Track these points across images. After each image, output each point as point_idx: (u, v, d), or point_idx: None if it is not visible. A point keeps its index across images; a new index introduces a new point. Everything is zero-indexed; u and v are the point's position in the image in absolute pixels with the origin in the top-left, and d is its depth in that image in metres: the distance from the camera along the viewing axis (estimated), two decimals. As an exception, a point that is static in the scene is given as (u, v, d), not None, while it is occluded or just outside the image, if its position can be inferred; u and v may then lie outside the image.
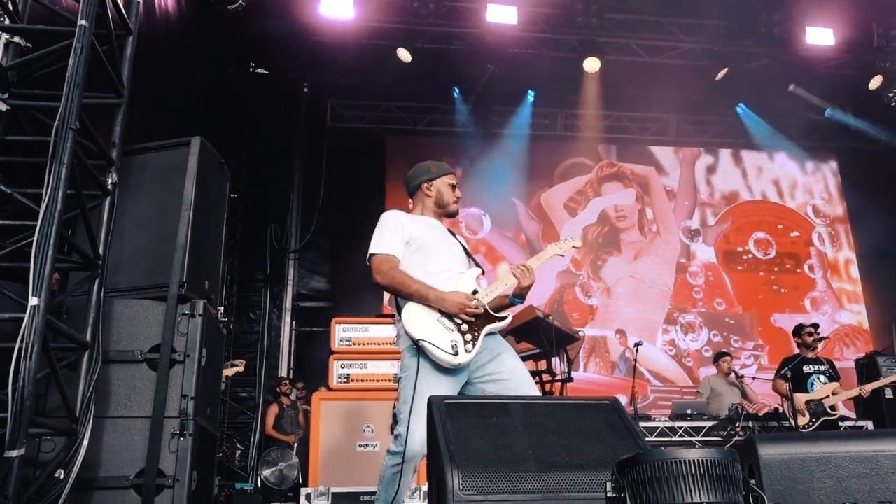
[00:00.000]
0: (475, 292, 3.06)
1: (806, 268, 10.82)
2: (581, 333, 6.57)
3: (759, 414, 7.12)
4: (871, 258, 10.63)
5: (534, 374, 6.50)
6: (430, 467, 2.24)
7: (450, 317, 2.96)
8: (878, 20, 9.38)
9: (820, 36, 9.12)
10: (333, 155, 10.05)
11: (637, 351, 7.02)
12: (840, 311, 10.59)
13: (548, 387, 6.37)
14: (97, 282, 3.21)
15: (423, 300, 2.97)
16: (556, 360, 6.33)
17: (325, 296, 10.06)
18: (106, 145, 3.40)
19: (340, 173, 9.86)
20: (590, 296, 10.20)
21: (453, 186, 3.36)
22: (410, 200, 3.48)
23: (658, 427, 6.94)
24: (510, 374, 2.98)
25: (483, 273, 3.27)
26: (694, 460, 1.47)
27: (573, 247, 3.47)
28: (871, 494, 2.23)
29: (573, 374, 6.41)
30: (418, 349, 2.89)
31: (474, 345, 2.91)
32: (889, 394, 6.89)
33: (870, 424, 7.06)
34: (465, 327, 2.95)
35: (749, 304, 10.49)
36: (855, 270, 10.87)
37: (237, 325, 9.71)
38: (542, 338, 6.12)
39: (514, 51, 9.35)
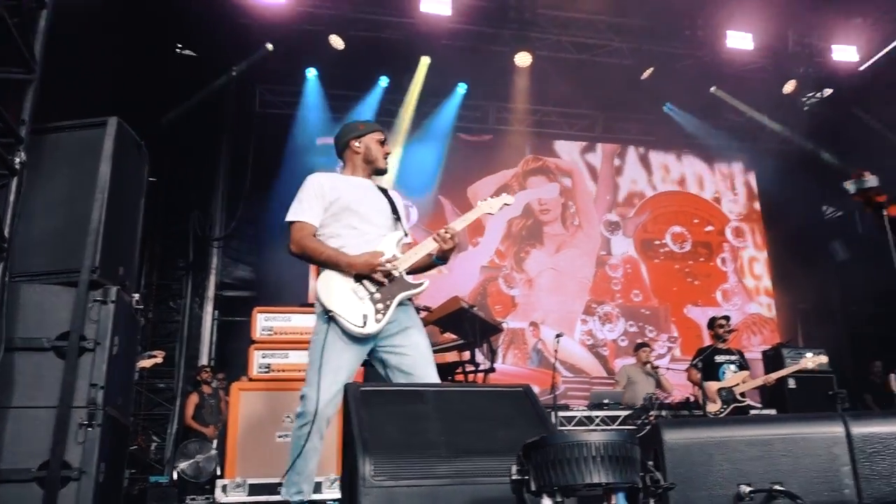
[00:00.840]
0: (394, 257, 3.08)
1: (719, 261, 11.27)
2: (504, 325, 6.66)
3: (673, 403, 7.39)
4: (781, 254, 11.15)
5: (457, 364, 6.57)
6: (345, 456, 2.25)
7: (364, 283, 2.98)
8: (793, 27, 9.81)
9: (740, 40, 9.49)
10: (262, 142, 9.85)
11: (558, 342, 7.17)
12: (749, 302, 11.09)
13: (470, 377, 6.45)
14: (1, 266, 3.06)
15: (335, 267, 3.00)
16: (479, 351, 6.43)
17: (250, 285, 9.89)
18: (14, 123, 3.24)
19: (269, 160, 9.67)
20: (512, 287, 10.38)
21: (382, 143, 3.35)
22: (340, 161, 3.46)
23: (576, 416, 7.13)
24: (412, 350, 3.03)
25: (406, 235, 3.27)
26: (595, 443, 1.53)
27: (504, 204, 3.47)
28: (763, 476, 2.35)
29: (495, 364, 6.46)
30: (329, 317, 2.93)
31: (384, 314, 2.95)
32: (791, 383, 7.27)
33: (773, 412, 7.44)
34: (377, 296, 2.97)
35: (664, 296, 10.88)
36: (765, 266, 11.38)
37: (157, 314, 9.44)
38: (467, 328, 6.18)
39: (447, 43, 9.39)
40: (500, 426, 2.19)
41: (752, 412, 6.95)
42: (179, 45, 9.44)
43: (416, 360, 3.00)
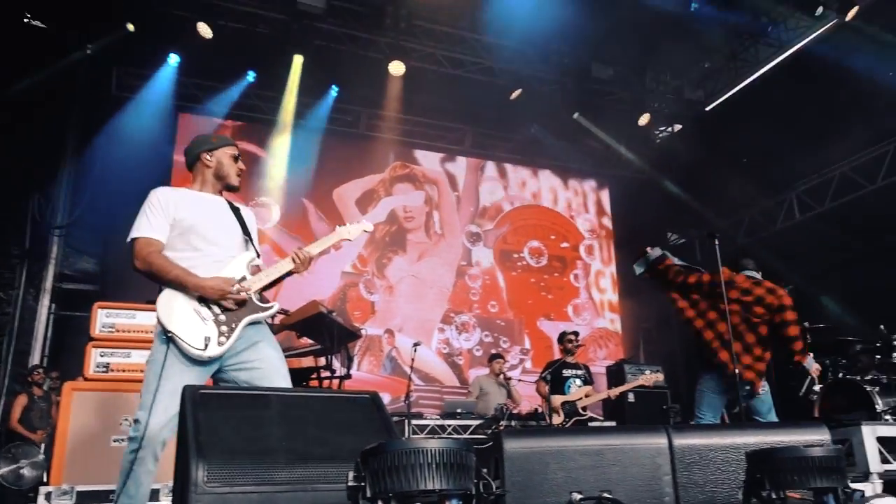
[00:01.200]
0: (243, 279, 2.98)
1: (572, 276, 11.81)
2: (363, 331, 6.63)
3: (521, 413, 7.64)
4: (628, 274, 11.81)
5: (312, 369, 6.46)
6: (177, 461, 2.14)
7: (209, 305, 2.87)
8: (651, 65, 10.51)
9: (603, 70, 10.03)
10: (116, 126, 9.26)
11: (416, 351, 7.22)
12: (598, 318, 11.70)
13: (325, 383, 6.37)
14: None
15: (182, 287, 2.87)
16: (335, 357, 6.36)
17: (93, 278, 9.25)
18: None
19: (122, 147, 9.10)
20: (372, 293, 10.37)
21: (235, 158, 3.23)
22: (191, 175, 3.30)
23: (429, 425, 7.20)
24: (263, 363, 2.93)
25: (258, 256, 3.18)
26: (431, 450, 1.55)
27: (364, 231, 3.45)
28: (594, 484, 2.48)
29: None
30: (168, 338, 2.80)
31: (229, 337, 2.85)
32: (631, 397, 7.72)
33: (613, 424, 7.87)
34: (223, 318, 2.87)
35: (519, 308, 11.24)
36: (612, 284, 12.03)
37: (-18, 305, 8.61)
38: (324, 334, 6.09)
39: (321, 43, 9.27)
40: (344, 432, 2.17)
41: (594, 424, 7.30)
42: (28, 15, 8.70)
43: (268, 373, 2.90)
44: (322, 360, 6.44)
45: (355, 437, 2.15)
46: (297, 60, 9.56)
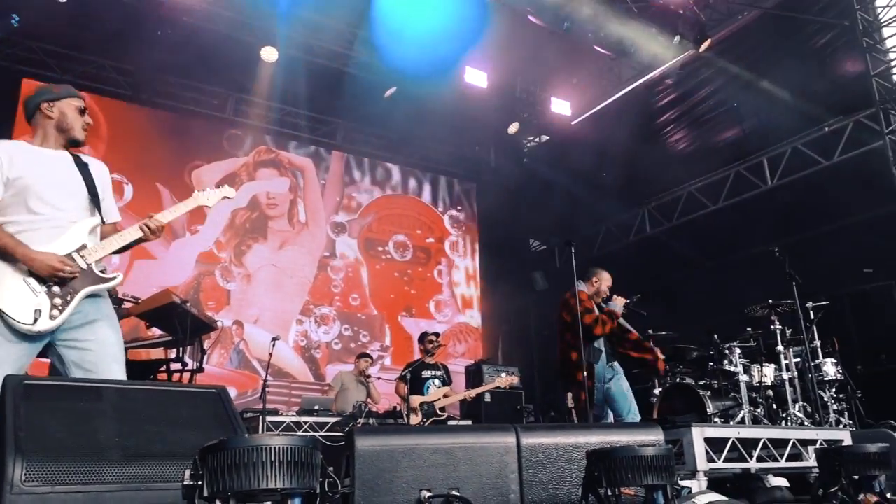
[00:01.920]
0: (83, 247, 2.75)
1: (435, 272, 11.88)
2: (219, 323, 6.37)
3: (380, 412, 7.63)
4: (492, 277, 12.14)
5: (162, 362, 6.14)
6: (-9, 456, 1.95)
7: (41, 277, 2.63)
8: (522, 75, 10.84)
9: (476, 77, 10.23)
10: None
11: (273, 346, 7.03)
12: (459, 314, 11.83)
13: (176, 377, 6.06)
14: None
15: (11, 256, 2.61)
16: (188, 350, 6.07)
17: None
18: None
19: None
20: (229, 281, 9.90)
21: (81, 111, 2.95)
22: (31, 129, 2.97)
23: (284, 422, 7.03)
24: (96, 346, 2.71)
25: (103, 223, 2.93)
26: (274, 447, 1.49)
27: (224, 197, 3.27)
28: (444, 481, 2.50)
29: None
30: None
31: (63, 310, 2.62)
32: (488, 398, 7.91)
33: (469, 423, 8.04)
34: (56, 289, 2.63)
35: (381, 303, 11.11)
36: (475, 284, 12.24)
37: None
38: (176, 325, 5.80)
39: (189, 21, 8.83)
40: (185, 428, 2.06)
41: (451, 423, 7.42)
42: None
43: (100, 356, 2.68)
44: (173, 353, 6.15)
45: (198, 433, 2.04)
46: (160, 36, 9.04)
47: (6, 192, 2.71)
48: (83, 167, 2.94)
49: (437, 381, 7.33)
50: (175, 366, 6.06)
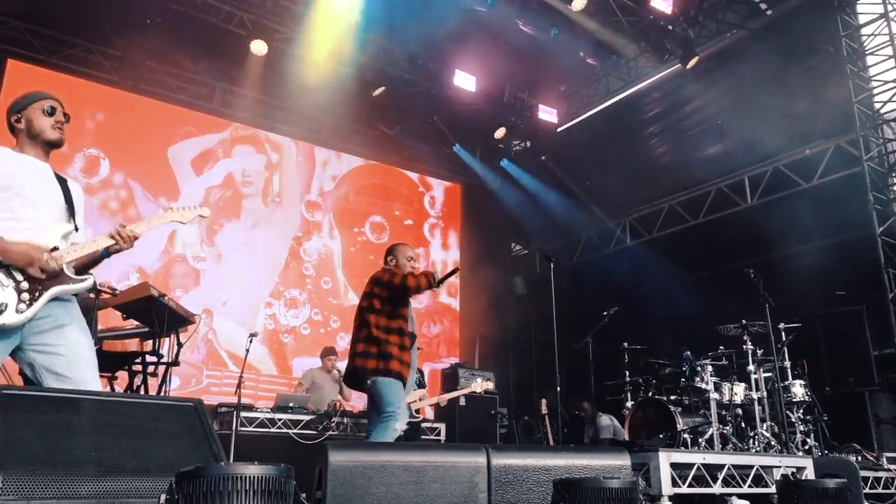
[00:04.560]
0: (55, 249, 2.75)
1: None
2: (197, 316, 6.35)
3: (355, 411, 7.65)
4: (471, 278, 12.09)
5: (137, 354, 6.13)
6: (-34, 467, 1.96)
7: (11, 272, 2.62)
8: (510, 81, 10.89)
9: (465, 80, 10.26)
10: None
11: (251, 342, 7.02)
12: (434, 299, 11.46)
13: (151, 368, 6.06)
14: None
15: None
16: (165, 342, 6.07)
17: None
18: None
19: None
20: (199, 262, 9.69)
21: (49, 111, 2.96)
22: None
23: (259, 418, 7.03)
24: (68, 350, 2.71)
25: (76, 230, 2.95)
26: (250, 476, 1.53)
27: (200, 216, 3.27)
28: (414, 499, 2.55)
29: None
30: None
31: (30, 305, 2.61)
32: (462, 401, 7.96)
33: (443, 427, 8.09)
34: (25, 285, 2.63)
35: (355, 287, 10.70)
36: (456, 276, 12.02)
37: None
38: (154, 317, 5.80)
39: (179, 8, 8.78)
40: (161, 443, 2.08)
41: (424, 426, 7.47)
42: None
43: (72, 360, 2.67)
44: (149, 345, 6.13)
45: (173, 449, 2.07)
46: (148, 22, 9.00)
47: None
48: (62, 181, 2.98)
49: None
50: (151, 358, 6.07)
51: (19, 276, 2.64)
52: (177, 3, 8.71)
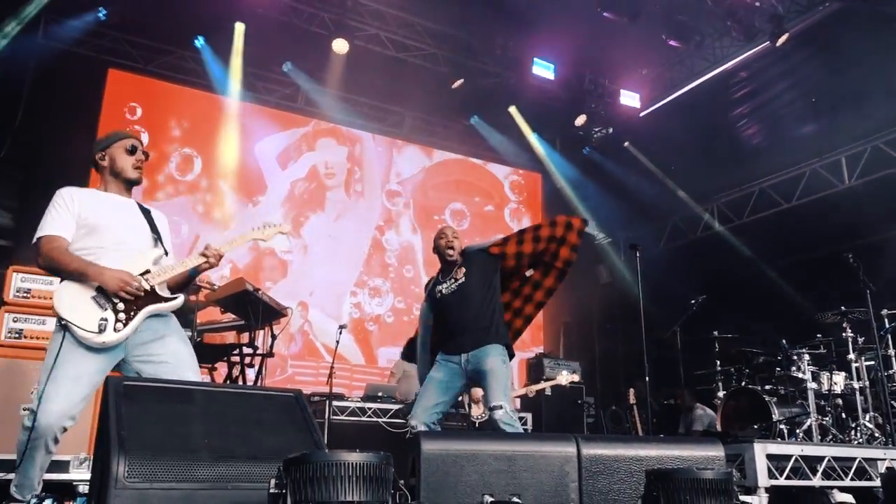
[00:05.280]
0: (147, 272, 3.01)
1: None
2: (289, 309, 6.59)
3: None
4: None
5: (234, 346, 6.42)
6: (97, 453, 2.14)
7: (107, 296, 2.89)
8: (590, 67, 10.72)
9: (543, 69, 10.18)
10: (41, 76, 8.83)
11: (340, 334, 7.23)
12: None
13: (248, 360, 6.33)
14: None
15: (83, 276, 2.89)
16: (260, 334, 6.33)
17: (8, 233, 8.85)
18: None
19: (48, 98, 8.69)
20: (286, 253, 9.97)
21: (131, 150, 3.20)
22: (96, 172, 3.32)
23: (350, 407, 7.27)
24: (171, 357, 2.94)
25: (166, 254, 3.20)
26: (351, 463, 1.62)
27: (280, 232, 3.46)
28: (505, 487, 2.60)
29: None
30: (63, 325, 2.81)
31: (126, 324, 2.87)
32: (548, 391, 7.96)
33: (529, 416, 8.12)
34: (121, 306, 2.89)
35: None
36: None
37: None
38: (249, 311, 6.06)
39: (264, 12, 9.08)
40: (266, 432, 2.21)
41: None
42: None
43: (176, 367, 2.90)
44: (245, 337, 6.41)
45: (278, 436, 2.20)
46: (239, 28, 9.37)
47: (79, 231, 3.00)
48: (146, 212, 3.24)
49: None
50: (247, 350, 6.35)
51: (116, 299, 2.89)
52: (262, 7, 9.00)
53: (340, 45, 9.48)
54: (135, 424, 2.01)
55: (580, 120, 11.03)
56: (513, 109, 11.05)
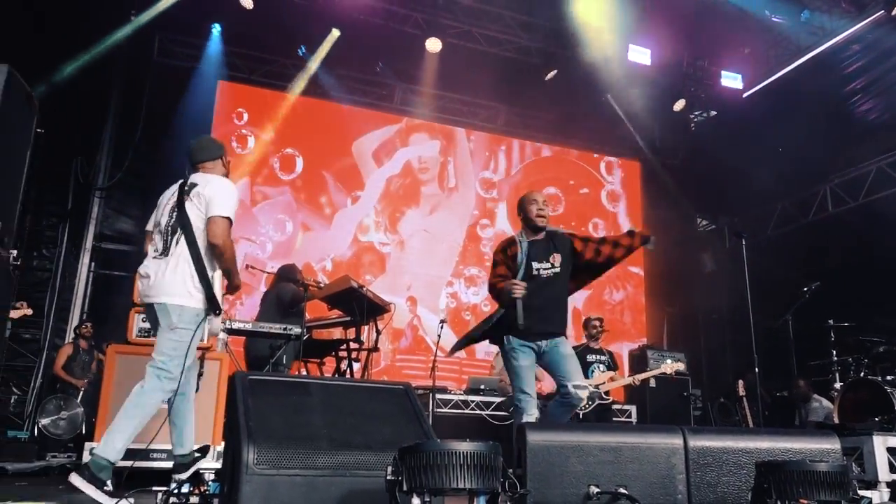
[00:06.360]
0: None
1: (590, 226, 11.43)
2: (392, 305, 6.79)
3: (543, 393, 7.78)
4: (655, 258, 11.70)
5: (342, 341, 6.68)
6: (228, 442, 2.32)
7: None
8: (688, 50, 10.41)
9: (640, 55, 9.96)
10: (158, 92, 9.44)
11: (441, 328, 7.38)
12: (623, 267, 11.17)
13: (354, 354, 6.58)
14: None
15: (235, 275, 3.49)
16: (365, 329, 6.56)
17: (132, 239, 9.52)
18: None
19: (164, 112, 9.29)
20: (384, 247, 10.24)
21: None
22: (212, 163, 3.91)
23: (452, 399, 7.40)
24: None
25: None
26: (463, 452, 1.70)
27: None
28: (611, 479, 2.63)
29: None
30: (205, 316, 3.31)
31: None
32: (652, 382, 7.82)
33: (634, 409, 8.02)
34: None
35: None
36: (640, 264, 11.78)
37: (26, 262, 8.90)
38: (354, 307, 6.29)
39: (359, 16, 9.34)
40: (379, 422, 2.33)
41: (615, 407, 7.45)
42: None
43: None
44: (352, 332, 6.66)
45: (390, 427, 2.31)
46: (334, 34, 9.69)
47: None
48: None
49: (601, 366, 7.34)
50: (353, 345, 6.60)
51: None
52: (358, 11, 9.26)
53: (433, 44, 9.63)
54: (260, 416, 2.18)
55: (679, 105, 10.73)
56: (609, 97, 10.84)
